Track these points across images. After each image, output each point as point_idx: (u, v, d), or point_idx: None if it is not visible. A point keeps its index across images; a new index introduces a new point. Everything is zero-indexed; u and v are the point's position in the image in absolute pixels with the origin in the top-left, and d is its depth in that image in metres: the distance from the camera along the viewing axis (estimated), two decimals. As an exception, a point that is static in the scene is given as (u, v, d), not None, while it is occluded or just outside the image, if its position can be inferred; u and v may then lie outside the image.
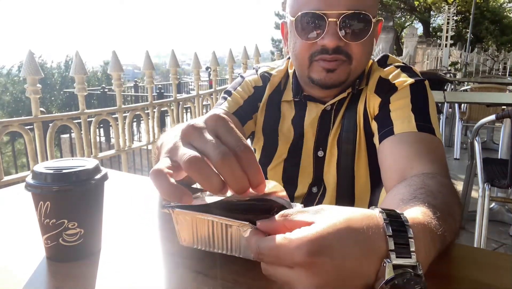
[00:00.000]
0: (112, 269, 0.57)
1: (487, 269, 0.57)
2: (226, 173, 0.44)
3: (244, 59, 3.41)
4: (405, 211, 0.50)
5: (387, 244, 0.41)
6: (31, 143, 1.91)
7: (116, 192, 0.87)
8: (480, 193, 2.25)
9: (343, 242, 0.40)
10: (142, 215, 0.77)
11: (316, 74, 0.90)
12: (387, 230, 0.42)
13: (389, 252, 0.41)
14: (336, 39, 0.85)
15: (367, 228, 0.42)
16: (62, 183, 0.55)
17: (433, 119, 0.86)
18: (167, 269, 0.57)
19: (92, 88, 9.03)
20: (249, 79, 1.07)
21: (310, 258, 0.39)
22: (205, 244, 0.55)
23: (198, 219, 0.53)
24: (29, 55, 1.83)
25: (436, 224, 0.49)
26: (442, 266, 0.55)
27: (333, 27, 0.84)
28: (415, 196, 0.59)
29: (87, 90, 2.15)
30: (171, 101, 2.84)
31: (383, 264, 0.41)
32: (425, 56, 13.39)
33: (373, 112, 0.93)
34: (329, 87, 0.92)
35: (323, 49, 0.87)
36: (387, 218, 0.43)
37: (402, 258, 0.41)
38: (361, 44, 0.87)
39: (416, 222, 0.46)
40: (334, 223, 0.41)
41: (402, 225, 0.43)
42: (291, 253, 0.40)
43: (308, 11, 0.85)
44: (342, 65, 0.88)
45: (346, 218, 0.42)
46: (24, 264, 0.58)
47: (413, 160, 0.77)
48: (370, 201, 1.01)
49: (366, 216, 0.43)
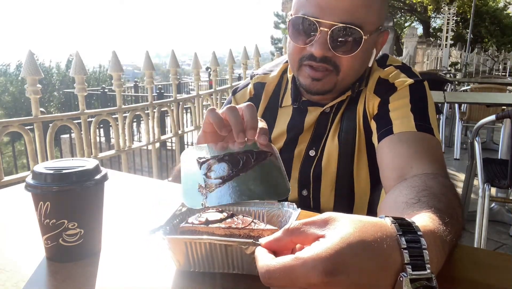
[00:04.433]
0: (112, 269, 0.57)
1: (487, 269, 0.57)
2: (230, 116, 0.67)
3: (244, 59, 3.41)
4: (413, 217, 0.49)
5: (402, 257, 0.40)
6: (31, 143, 1.91)
7: (116, 192, 0.87)
8: (480, 193, 2.25)
9: (358, 257, 0.39)
10: (142, 215, 0.77)
11: (303, 79, 0.91)
12: (401, 241, 0.41)
13: (405, 265, 0.40)
14: (324, 49, 0.84)
15: (381, 240, 0.40)
16: (62, 183, 0.55)
17: (432, 120, 0.86)
18: (167, 269, 0.57)
19: (92, 89, 9.03)
20: (240, 94, 1.09)
21: (327, 278, 0.37)
22: (204, 266, 0.55)
23: (194, 242, 0.53)
24: (29, 55, 1.83)
25: (445, 230, 0.48)
26: (442, 266, 0.55)
27: (324, 37, 0.84)
28: (419, 198, 0.58)
29: (87, 90, 2.15)
30: (171, 102, 2.84)
31: (400, 278, 0.40)
32: (425, 57, 13.38)
33: (372, 112, 0.92)
34: (314, 94, 0.92)
35: (311, 55, 0.87)
36: (399, 229, 0.42)
37: (418, 271, 0.40)
38: (350, 58, 0.86)
39: (427, 230, 0.45)
40: (347, 237, 0.39)
41: (415, 234, 0.42)
42: (305, 275, 0.38)
43: (303, 15, 0.85)
44: (328, 76, 0.88)
45: (358, 230, 0.40)
46: (24, 264, 0.58)
47: (412, 159, 0.77)
48: (370, 201, 1.01)
49: (379, 226, 0.42)
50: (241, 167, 0.64)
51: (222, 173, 0.64)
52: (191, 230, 0.56)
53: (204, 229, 0.56)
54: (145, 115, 2.61)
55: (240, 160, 0.65)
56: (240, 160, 0.65)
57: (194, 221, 0.57)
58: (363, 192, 1.00)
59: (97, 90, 8.42)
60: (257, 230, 0.55)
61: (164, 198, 0.85)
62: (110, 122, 2.37)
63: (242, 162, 0.65)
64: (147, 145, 2.72)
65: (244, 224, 0.57)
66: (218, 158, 0.67)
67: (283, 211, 0.64)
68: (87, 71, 2.24)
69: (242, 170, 0.64)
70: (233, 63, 3.25)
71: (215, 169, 0.65)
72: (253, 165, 0.65)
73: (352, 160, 0.96)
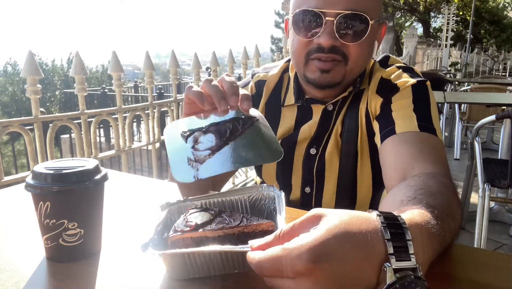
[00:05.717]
0: (112, 269, 0.57)
1: (487, 269, 0.57)
2: (208, 87, 0.66)
3: (244, 59, 3.41)
4: (403, 212, 0.50)
5: (386, 247, 0.41)
6: (31, 143, 1.90)
7: (116, 192, 0.87)
8: (480, 193, 2.25)
9: (342, 247, 0.40)
10: (142, 215, 0.77)
11: (311, 73, 0.90)
12: (385, 233, 0.42)
13: (389, 256, 0.41)
14: (332, 39, 0.85)
15: (366, 232, 0.42)
16: (62, 183, 0.55)
17: (435, 120, 0.86)
18: (167, 269, 0.57)
19: (93, 89, 9.02)
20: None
21: (310, 266, 0.39)
22: (204, 272, 0.54)
23: (193, 253, 0.51)
24: (29, 55, 1.83)
25: (434, 224, 0.49)
26: (442, 266, 0.55)
27: (330, 26, 0.84)
28: (415, 196, 0.59)
29: (87, 90, 2.15)
30: (171, 102, 2.84)
31: (384, 268, 0.41)
32: (425, 57, 13.38)
33: (375, 112, 0.92)
34: (323, 88, 0.92)
35: (319, 47, 0.87)
36: (384, 221, 0.43)
37: (402, 261, 0.41)
38: (358, 46, 0.87)
39: (413, 223, 0.46)
40: (332, 229, 0.41)
41: (399, 227, 0.43)
42: (291, 263, 0.40)
43: (306, 9, 0.86)
44: (337, 66, 0.88)
45: (343, 222, 0.42)
46: (24, 264, 0.58)
47: (415, 159, 0.77)
48: (372, 201, 1.01)
49: (364, 219, 0.43)
50: (229, 136, 0.62)
51: (210, 144, 0.62)
52: (183, 239, 0.54)
53: (195, 234, 0.54)
54: (145, 115, 2.61)
55: (227, 128, 0.63)
56: (226, 129, 0.63)
57: (183, 228, 0.55)
58: (365, 192, 1.00)
59: (97, 90, 8.42)
60: (251, 225, 0.55)
61: (164, 198, 0.85)
62: (110, 122, 2.37)
63: (229, 130, 0.63)
64: (147, 145, 2.72)
65: (235, 220, 0.56)
66: (203, 129, 0.65)
67: (264, 194, 0.63)
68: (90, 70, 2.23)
69: (230, 138, 0.62)
70: (233, 63, 3.24)
71: (202, 141, 0.63)
72: (240, 132, 0.63)
73: (354, 159, 0.96)
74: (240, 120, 0.65)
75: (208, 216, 0.57)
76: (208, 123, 0.66)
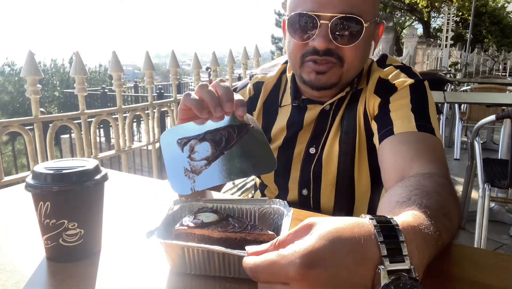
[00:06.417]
0: (112, 269, 0.57)
1: (487, 269, 0.57)
2: (203, 93, 0.65)
3: (244, 59, 3.41)
4: (397, 214, 0.50)
5: (379, 250, 0.41)
6: (31, 143, 1.90)
7: (116, 192, 0.87)
8: (480, 193, 2.25)
9: (336, 252, 0.40)
10: (142, 215, 0.77)
11: (307, 75, 0.91)
12: (378, 236, 0.42)
13: (383, 258, 0.41)
14: (327, 41, 0.85)
15: (359, 236, 0.42)
16: (62, 183, 0.55)
17: (433, 119, 0.86)
18: (166, 270, 0.57)
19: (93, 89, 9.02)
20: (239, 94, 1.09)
21: (304, 271, 0.39)
22: (200, 270, 0.54)
23: (192, 248, 0.52)
24: (29, 55, 1.83)
25: (428, 225, 0.49)
26: (442, 266, 0.55)
27: (325, 29, 0.84)
28: (409, 197, 0.59)
29: (87, 90, 2.15)
30: (171, 102, 2.84)
31: (378, 270, 0.40)
32: (425, 57, 13.37)
33: (373, 113, 0.92)
34: (319, 89, 0.92)
35: (314, 50, 0.87)
36: (377, 224, 0.43)
37: (396, 263, 0.41)
38: (353, 48, 0.87)
39: (406, 224, 0.46)
40: (325, 234, 0.41)
41: (392, 229, 0.43)
42: (285, 269, 0.40)
43: (301, 12, 0.86)
44: (333, 68, 0.88)
45: (336, 228, 0.42)
46: (24, 264, 0.58)
47: (413, 159, 0.77)
48: (370, 201, 1.01)
49: (357, 224, 0.43)
50: (224, 144, 0.64)
51: (206, 153, 0.63)
52: (186, 233, 0.56)
53: (199, 232, 0.56)
54: (145, 116, 2.61)
55: (222, 136, 0.64)
56: (222, 137, 0.64)
57: (190, 224, 0.57)
58: (363, 192, 1.00)
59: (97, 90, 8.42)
60: (253, 234, 0.55)
61: (164, 198, 0.85)
62: (110, 122, 2.37)
63: (224, 138, 0.64)
64: (147, 145, 2.72)
65: (240, 227, 0.56)
66: (199, 137, 0.66)
67: (274, 208, 0.64)
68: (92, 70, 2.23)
69: (225, 148, 0.63)
70: (233, 63, 3.24)
71: (198, 150, 0.64)
72: (236, 141, 0.64)
73: (352, 159, 0.96)
74: (235, 127, 0.66)
75: (216, 217, 0.58)
76: (203, 130, 0.67)
